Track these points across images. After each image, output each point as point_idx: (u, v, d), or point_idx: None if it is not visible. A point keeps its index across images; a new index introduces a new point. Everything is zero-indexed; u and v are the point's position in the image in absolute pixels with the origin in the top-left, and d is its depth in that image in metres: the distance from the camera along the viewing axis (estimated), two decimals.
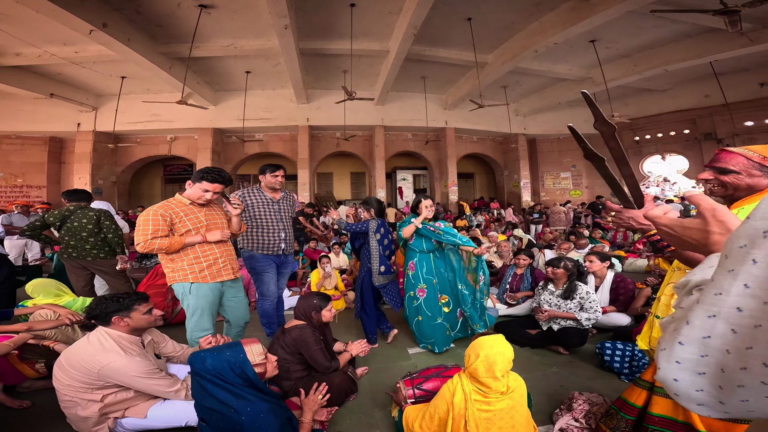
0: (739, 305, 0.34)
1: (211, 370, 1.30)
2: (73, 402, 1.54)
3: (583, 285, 2.68)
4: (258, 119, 10.11)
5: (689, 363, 0.37)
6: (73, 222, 3.01)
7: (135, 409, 1.62)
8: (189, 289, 2.02)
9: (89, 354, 1.54)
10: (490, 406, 1.40)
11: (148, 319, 1.73)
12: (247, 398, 1.30)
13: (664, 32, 6.93)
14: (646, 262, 4.91)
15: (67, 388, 1.53)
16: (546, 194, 12.95)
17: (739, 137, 9.46)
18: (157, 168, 13.02)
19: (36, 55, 7.06)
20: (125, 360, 1.56)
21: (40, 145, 10.31)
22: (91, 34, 5.73)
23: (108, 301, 1.66)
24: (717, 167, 1.18)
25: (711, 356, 0.36)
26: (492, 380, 1.41)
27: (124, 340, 1.66)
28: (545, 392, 2.07)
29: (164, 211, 1.95)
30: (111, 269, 3.16)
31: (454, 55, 7.86)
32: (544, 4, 6.11)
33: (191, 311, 2.05)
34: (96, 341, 1.60)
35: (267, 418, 1.29)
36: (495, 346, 1.45)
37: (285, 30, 5.82)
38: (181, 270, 2.01)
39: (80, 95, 9.31)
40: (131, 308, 1.66)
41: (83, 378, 1.52)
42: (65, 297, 2.67)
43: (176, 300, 3.38)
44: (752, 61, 7.88)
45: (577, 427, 1.69)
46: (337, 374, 2.05)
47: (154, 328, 1.94)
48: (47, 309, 2.21)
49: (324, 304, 2.14)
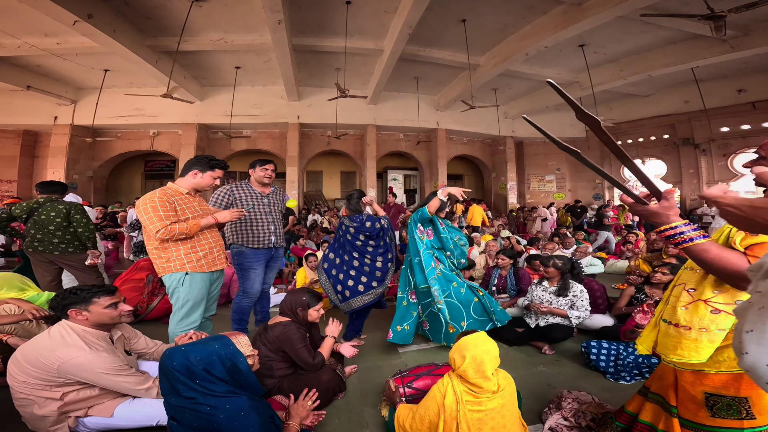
0: None
1: (196, 364, 1.18)
2: (28, 400, 1.40)
3: (577, 284, 2.67)
4: (246, 115, 9.91)
5: None
6: (41, 215, 2.86)
7: (100, 407, 1.48)
8: (183, 280, 1.95)
9: (48, 349, 1.40)
10: (482, 406, 1.34)
11: (111, 313, 1.58)
12: (227, 396, 1.19)
13: (650, 38, 7.13)
14: (627, 263, 5.02)
15: (22, 385, 1.39)
16: (531, 196, 13.15)
17: (715, 142, 9.82)
18: (137, 163, 12.65)
19: (15, 46, 6.73)
20: (90, 356, 1.42)
21: (12, 138, 9.92)
22: (75, 25, 5.51)
23: (66, 293, 1.54)
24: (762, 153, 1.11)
25: None
26: (483, 380, 1.35)
27: (89, 334, 1.52)
28: (533, 391, 2.04)
29: (168, 198, 1.92)
30: (80, 264, 3.00)
31: (447, 56, 7.90)
32: (537, 8, 6.19)
33: (181, 303, 1.96)
34: (57, 335, 1.46)
35: (248, 416, 1.18)
36: (480, 344, 1.39)
37: (278, 25, 5.71)
38: (177, 259, 1.93)
39: (59, 88, 8.97)
40: (89, 301, 1.53)
41: (41, 375, 1.38)
42: (29, 291, 2.48)
43: (152, 295, 3.22)
44: (731, 68, 8.19)
45: (567, 426, 1.67)
46: (325, 372, 1.94)
47: (125, 323, 1.79)
48: (11, 303, 2.04)
49: (313, 302, 2.03)
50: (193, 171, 2.05)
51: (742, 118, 9.21)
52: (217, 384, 1.17)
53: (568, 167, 13.01)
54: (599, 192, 12.51)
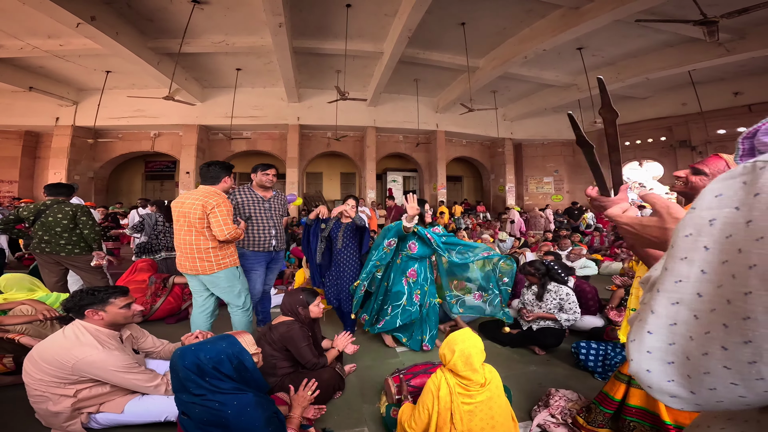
0: (699, 291, 0.35)
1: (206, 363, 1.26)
2: (43, 397, 1.46)
3: (562, 286, 2.70)
4: (247, 117, 9.97)
5: (659, 352, 0.38)
6: (48, 217, 2.93)
7: (111, 404, 1.55)
8: (238, 273, 2.28)
9: (64, 347, 1.47)
10: (472, 399, 1.43)
11: (125, 313, 1.66)
12: (234, 392, 1.26)
13: (648, 41, 7.20)
14: (621, 265, 5.05)
15: (38, 382, 1.45)
16: (529, 198, 13.22)
17: (711, 145, 9.86)
18: (138, 164, 12.70)
19: (18, 48, 6.79)
20: (103, 354, 1.49)
21: (14, 139, 9.96)
22: (78, 27, 5.56)
23: (83, 294, 1.60)
24: (694, 167, 1.24)
25: (677, 344, 0.36)
26: (472, 372, 1.44)
27: (101, 334, 1.59)
28: (524, 390, 2.11)
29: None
30: (86, 265, 3.07)
31: (446, 59, 7.96)
32: (536, 11, 6.26)
33: (238, 292, 2.27)
34: (72, 335, 1.53)
35: (254, 411, 1.26)
36: (467, 339, 1.50)
37: (279, 28, 5.76)
38: (230, 256, 2.26)
39: (61, 89, 9.01)
40: (106, 302, 1.60)
41: (56, 372, 1.45)
42: (39, 292, 2.55)
43: (155, 296, 3.29)
44: (728, 71, 8.26)
45: (554, 423, 1.74)
46: (326, 370, 2.01)
47: (134, 323, 1.86)
48: (27, 305, 2.11)
49: (311, 299, 2.10)
50: (224, 177, 2.30)
51: (738, 121, 9.28)
52: (225, 381, 1.24)
53: (566, 169, 13.09)
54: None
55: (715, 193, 0.35)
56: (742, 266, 0.31)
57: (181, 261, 2.21)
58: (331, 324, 3.25)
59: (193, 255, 2.15)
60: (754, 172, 0.32)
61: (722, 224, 0.34)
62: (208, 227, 2.13)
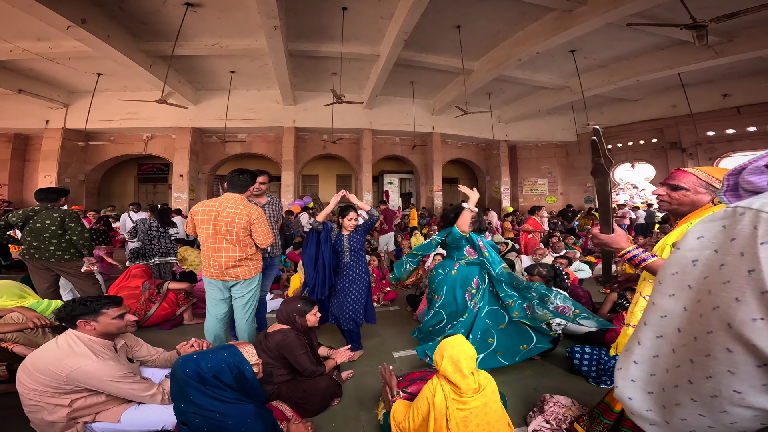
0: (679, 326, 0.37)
1: (207, 371, 1.25)
2: (38, 407, 1.44)
3: (561, 291, 2.69)
4: (241, 119, 9.90)
5: (641, 382, 0.40)
6: (36, 223, 2.89)
7: (107, 413, 1.53)
8: (258, 280, 2.39)
9: (57, 358, 1.45)
10: (466, 405, 1.44)
11: (118, 324, 1.64)
12: (235, 402, 1.26)
13: (639, 44, 7.31)
14: (615, 267, 5.08)
15: (33, 392, 1.43)
16: (524, 200, 13.31)
17: (701, 146, 10.03)
18: (130, 167, 12.56)
19: (7, 50, 6.67)
20: (97, 364, 1.47)
21: (3, 141, 9.81)
22: (69, 29, 5.48)
23: (75, 304, 1.58)
24: (670, 184, 1.30)
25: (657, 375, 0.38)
26: (461, 378, 1.45)
27: (95, 343, 1.57)
28: (520, 395, 2.12)
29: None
30: (76, 271, 3.02)
31: (442, 62, 8.00)
32: (530, 14, 6.32)
33: (252, 299, 2.36)
34: (65, 344, 1.51)
35: (254, 422, 1.26)
36: (456, 345, 1.52)
37: (274, 31, 5.74)
38: (258, 261, 2.38)
39: (51, 91, 8.87)
40: (98, 312, 1.58)
41: (50, 382, 1.42)
42: (29, 299, 2.50)
43: (149, 302, 3.25)
44: (717, 73, 8.41)
45: (549, 429, 1.75)
46: (323, 378, 2.01)
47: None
48: (18, 312, 2.07)
49: (308, 308, 2.09)
50: (250, 186, 2.39)
51: (727, 123, 9.45)
52: (226, 391, 1.24)
53: (560, 171, 13.21)
54: (590, 195, 12.72)
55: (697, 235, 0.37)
56: (709, 307, 0.33)
57: (216, 270, 2.22)
58: (328, 332, 3.22)
59: (235, 262, 2.23)
60: (734, 217, 0.33)
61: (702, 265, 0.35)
62: (249, 235, 2.26)
